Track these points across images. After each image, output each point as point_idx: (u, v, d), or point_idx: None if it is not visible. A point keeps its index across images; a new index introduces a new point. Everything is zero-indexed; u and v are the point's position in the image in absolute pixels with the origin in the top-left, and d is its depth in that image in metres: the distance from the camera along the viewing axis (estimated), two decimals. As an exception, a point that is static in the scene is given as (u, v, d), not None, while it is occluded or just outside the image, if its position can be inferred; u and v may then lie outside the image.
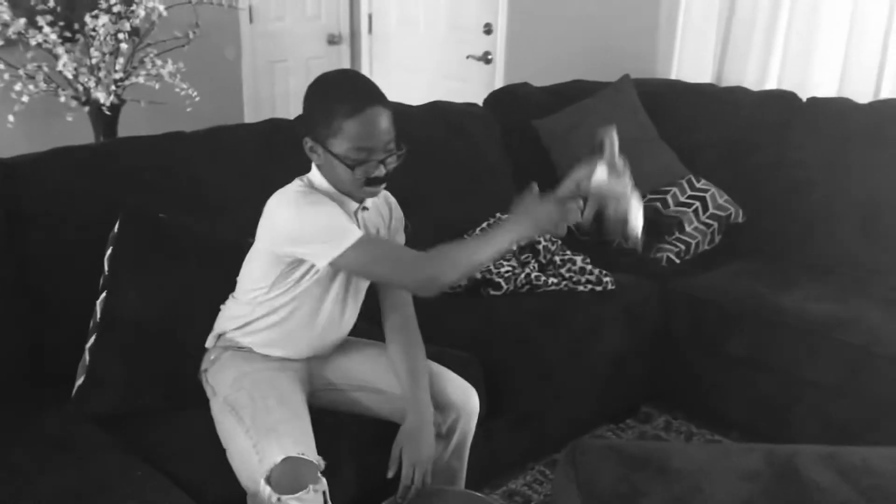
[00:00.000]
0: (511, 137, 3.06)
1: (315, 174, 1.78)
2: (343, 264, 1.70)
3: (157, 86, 3.22)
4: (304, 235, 1.70)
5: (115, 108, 3.20)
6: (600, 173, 1.65)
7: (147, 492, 1.56)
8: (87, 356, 1.86)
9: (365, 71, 4.89)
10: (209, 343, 1.93)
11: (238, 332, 1.87)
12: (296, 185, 1.77)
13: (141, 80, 3.20)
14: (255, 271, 1.84)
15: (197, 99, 3.23)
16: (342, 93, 1.70)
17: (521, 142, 3.07)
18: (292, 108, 4.62)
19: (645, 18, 3.64)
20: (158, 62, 3.20)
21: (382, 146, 1.69)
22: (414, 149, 2.41)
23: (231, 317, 1.89)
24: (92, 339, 1.85)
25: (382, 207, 1.93)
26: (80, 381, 1.85)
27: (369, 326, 2.02)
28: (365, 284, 1.94)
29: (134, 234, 1.89)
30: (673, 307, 2.71)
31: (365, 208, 1.83)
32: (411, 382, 1.85)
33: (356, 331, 2.01)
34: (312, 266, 1.75)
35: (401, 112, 2.75)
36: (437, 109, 2.90)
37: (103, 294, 1.87)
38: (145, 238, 1.91)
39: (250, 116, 4.44)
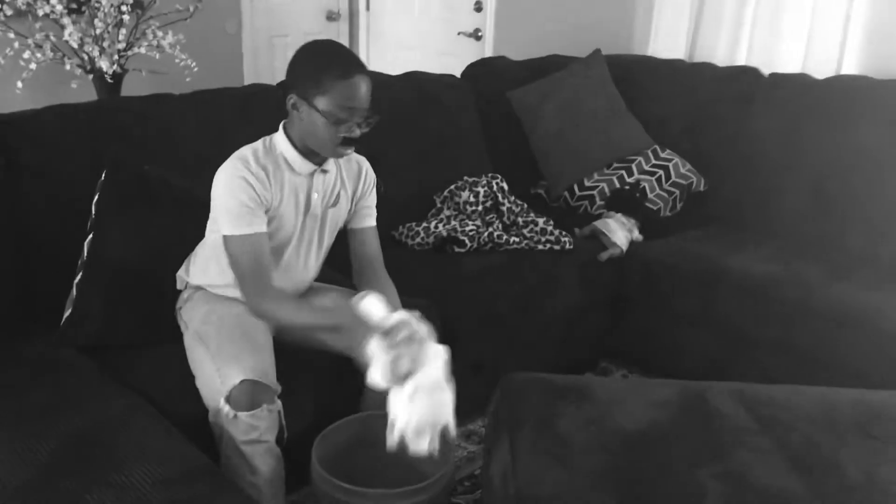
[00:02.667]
0: (486, 107, 3.23)
1: (280, 136, 1.97)
2: (226, 246, 1.91)
3: (157, 56, 3.41)
4: (217, 203, 1.90)
5: (118, 77, 3.39)
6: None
7: (119, 407, 1.76)
8: (74, 291, 2.06)
9: (362, 47, 5.07)
10: (180, 285, 2.14)
11: (206, 275, 2.06)
12: (245, 150, 1.94)
13: (143, 50, 3.38)
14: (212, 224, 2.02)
15: (195, 69, 3.41)
16: (333, 57, 1.89)
17: (495, 112, 3.24)
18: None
19: (624, -3, 3.80)
20: (160, 34, 3.39)
21: (362, 111, 1.88)
22: (387, 115, 2.62)
23: (196, 262, 2.08)
24: (79, 276, 2.06)
25: (351, 171, 2.11)
26: (67, 313, 2.05)
27: (338, 275, 2.22)
28: (330, 237, 2.13)
29: (118, 181, 2.09)
30: (627, 268, 2.88)
31: (324, 171, 2.02)
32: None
33: (325, 278, 2.20)
34: (267, 214, 1.93)
35: (378, 81, 2.96)
36: (413, 79, 3.08)
37: (90, 235, 2.07)
38: (129, 186, 2.11)
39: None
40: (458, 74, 3.36)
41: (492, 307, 2.51)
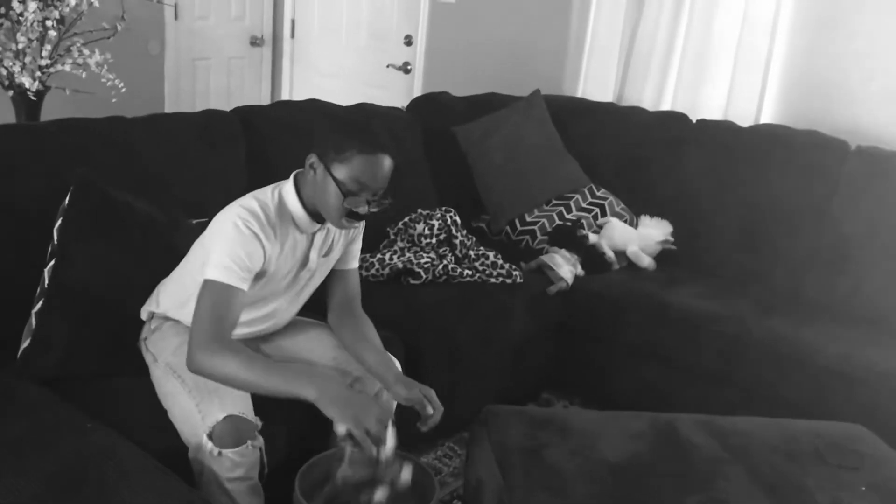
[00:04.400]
0: (431, 141, 3.28)
1: (290, 191, 1.91)
2: (203, 286, 1.81)
3: (83, 74, 3.29)
4: (216, 247, 1.82)
5: (40, 94, 3.25)
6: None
7: (98, 442, 1.68)
8: (33, 320, 1.96)
9: (286, 74, 5.05)
10: (144, 315, 2.07)
11: (178, 310, 1.99)
12: (254, 202, 1.86)
13: (67, 68, 3.26)
14: (195, 257, 1.95)
15: (123, 90, 3.31)
16: (363, 132, 1.89)
17: (441, 145, 3.30)
18: (213, 106, 4.73)
19: (555, 39, 3.95)
20: (86, 51, 3.27)
21: (376, 189, 1.88)
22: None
23: (172, 295, 2.02)
24: (39, 304, 1.96)
25: None
26: (25, 344, 1.95)
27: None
28: (311, 288, 2.11)
29: (84, 206, 2.01)
30: (572, 301, 2.97)
31: (326, 228, 2.00)
32: (380, 355, 2.04)
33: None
34: (262, 272, 1.89)
35: (329, 111, 2.98)
36: (364, 110, 3.10)
37: (52, 262, 1.98)
38: (94, 210, 2.03)
39: (171, 110, 4.52)
40: (389, 104, 3.37)
41: (452, 338, 2.54)
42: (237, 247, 1.81)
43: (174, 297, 2.00)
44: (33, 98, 3.20)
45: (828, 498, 1.75)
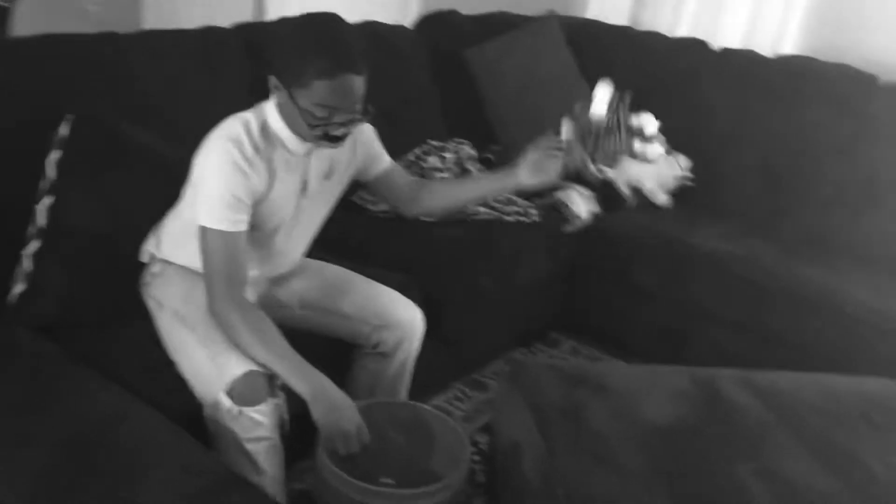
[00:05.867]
0: (439, 64, 3.07)
1: (272, 111, 1.71)
2: (201, 236, 1.67)
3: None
4: (201, 187, 1.67)
5: (9, 2, 3.02)
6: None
7: (107, 402, 1.54)
8: (27, 263, 1.79)
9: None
10: (145, 257, 1.90)
11: (180, 252, 1.83)
12: (237, 126, 1.67)
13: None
14: (189, 191, 1.78)
15: (101, -1, 3.06)
16: (320, 49, 1.58)
17: (449, 70, 3.09)
18: (196, 10, 4.41)
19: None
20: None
21: (347, 110, 1.63)
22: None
23: (172, 235, 1.85)
24: (35, 246, 1.79)
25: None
26: (19, 288, 1.78)
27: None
28: (327, 213, 1.95)
29: (85, 139, 1.82)
30: (588, 240, 2.84)
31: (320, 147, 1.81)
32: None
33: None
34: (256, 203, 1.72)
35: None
36: (370, 29, 2.88)
37: (48, 199, 1.80)
38: (97, 144, 1.84)
39: (150, 16, 4.21)
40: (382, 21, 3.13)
41: (471, 281, 2.41)
42: (225, 183, 1.64)
43: (175, 238, 1.84)
44: (4, 4, 2.95)
45: (881, 464, 1.67)
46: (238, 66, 2.40)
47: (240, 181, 1.64)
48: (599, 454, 1.59)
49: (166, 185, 1.93)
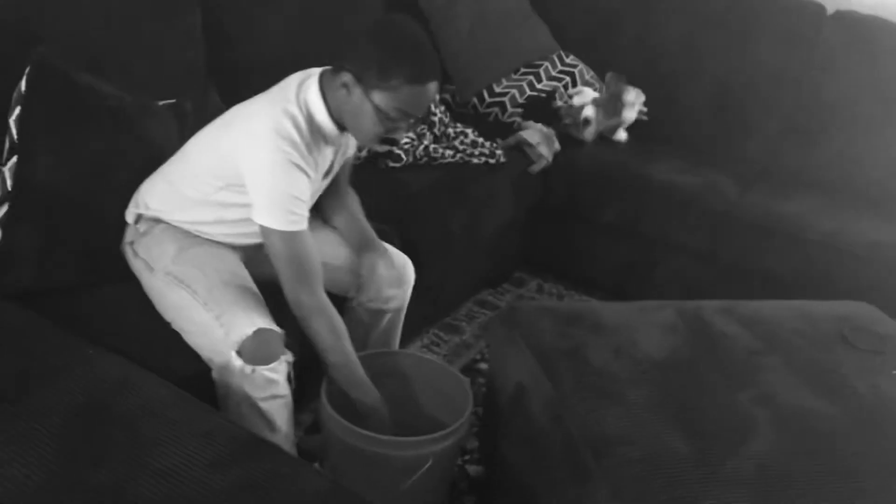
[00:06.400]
0: (391, 6, 2.99)
1: (318, 106, 1.66)
2: (264, 236, 1.64)
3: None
4: (260, 187, 1.62)
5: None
6: None
7: (106, 368, 1.48)
8: (-4, 228, 1.69)
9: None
10: (129, 217, 1.82)
11: (175, 214, 1.77)
12: (285, 121, 1.61)
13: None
14: (209, 164, 1.72)
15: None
16: (413, 55, 1.59)
17: (400, 8, 3.00)
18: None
19: None
20: None
21: (418, 116, 1.68)
22: (300, 6, 2.52)
23: (163, 196, 1.78)
24: (2, 210, 1.68)
25: None
26: (-10, 256, 1.68)
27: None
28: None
29: (45, 92, 1.70)
30: (551, 179, 2.85)
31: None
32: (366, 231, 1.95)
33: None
34: None
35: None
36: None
37: (12, 159, 1.69)
38: (57, 97, 1.71)
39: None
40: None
41: (444, 226, 2.39)
42: (283, 186, 1.61)
43: (167, 199, 1.76)
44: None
45: (865, 385, 1.74)
46: (189, 10, 2.28)
47: (299, 180, 1.62)
48: (606, 391, 1.62)
49: (135, 137, 1.85)
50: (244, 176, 1.63)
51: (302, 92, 1.66)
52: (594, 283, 2.97)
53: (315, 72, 1.70)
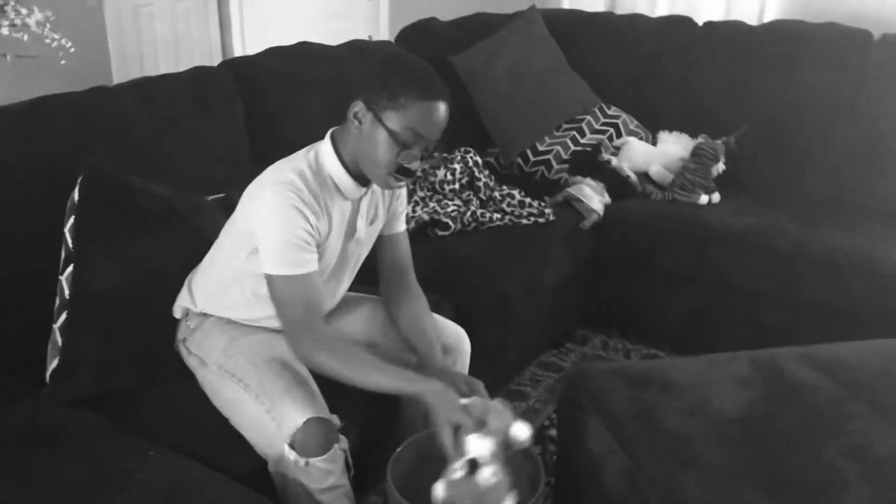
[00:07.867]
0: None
1: (327, 152, 1.66)
2: (269, 282, 1.63)
3: (25, 37, 2.91)
4: (263, 238, 1.62)
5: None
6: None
7: (174, 472, 1.46)
8: (57, 336, 1.70)
9: (234, 15, 4.64)
10: (177, 313, 1.82)
11: (217, 304, 1.77)
12: (289, 171, 1.62)
13: (4, 31, 2.88)
14: (233, 236, 1.73)
15: (72, 50, 2.95)
16: (418, 75, 1.60)
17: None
18: (161, 59, 4.35)
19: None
20: (23, 10, 2.89)
21: (431, 141, 1.62)
22: (339, 87, 2.37)
23: (207, 289, 1.78)
24: (63, 318, 1.70)
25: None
26: (53, 364, 1.70)
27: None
28: (360, 262, 1.88)
29: (98, 200, 1.73)
30: (604, 232, 2.80)
31: (371, 191, 1.77)
32: (428, 348, 1.81)
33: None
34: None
35: (317, 52, 2.69)
36: (355, 48, 2.81)
37: (69, 268, 1.71)
38: (110, 203, 1.75)
39: (118, 68, 4.14)
40: (353, 38, 3.07)
41: (499, 290, 2.35)
42: (289, 228, 1.58)
43: (210, 291, 1.76)
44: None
45: (962, 425, 1.63)
46: (231, 103, 2.32)
47: (301, 222, 1.59)
48: (682, 455, 1.54)
49: (187, 235, 1.87)
50: (253, 231, 1.63)
51: (312, 150, 1.68)
52: (660, 334, 2.89)
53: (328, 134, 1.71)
